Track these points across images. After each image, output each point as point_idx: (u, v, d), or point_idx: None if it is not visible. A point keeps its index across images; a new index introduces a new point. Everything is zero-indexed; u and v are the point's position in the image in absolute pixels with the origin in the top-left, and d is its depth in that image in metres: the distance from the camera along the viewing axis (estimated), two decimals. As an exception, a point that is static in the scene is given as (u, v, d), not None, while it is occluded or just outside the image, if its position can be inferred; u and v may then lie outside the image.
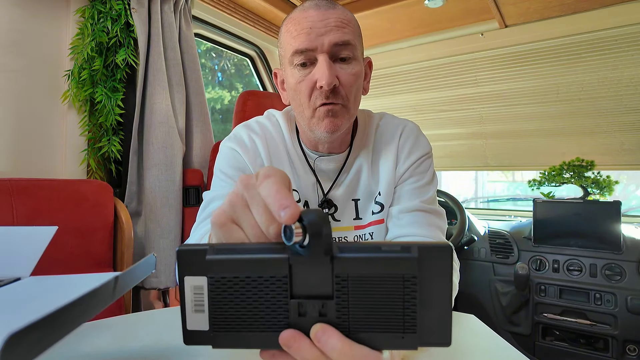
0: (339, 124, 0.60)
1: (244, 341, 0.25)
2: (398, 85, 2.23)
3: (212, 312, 0.25)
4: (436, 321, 0.24)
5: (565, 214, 1.63)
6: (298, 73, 0.60)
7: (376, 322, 0.25)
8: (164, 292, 1.39)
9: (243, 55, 2.06)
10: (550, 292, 1.58)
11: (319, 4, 0.59)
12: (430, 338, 0.25)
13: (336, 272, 0.24)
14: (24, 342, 0.20)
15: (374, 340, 0.25)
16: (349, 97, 0.60)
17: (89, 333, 0.46)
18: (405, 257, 0.24)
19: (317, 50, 0.58)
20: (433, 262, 0.24)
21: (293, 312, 0.25)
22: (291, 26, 0.60)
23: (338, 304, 0.25)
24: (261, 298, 0.25)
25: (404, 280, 0.24)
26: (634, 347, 1.43)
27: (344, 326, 0.25)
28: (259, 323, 0.25)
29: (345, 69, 0.59)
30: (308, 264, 0.24)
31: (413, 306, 0.24)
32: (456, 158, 2.39)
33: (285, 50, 0.61)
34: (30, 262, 0.43)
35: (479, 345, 0.46)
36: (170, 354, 0.41)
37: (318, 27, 0.57)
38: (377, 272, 0.24)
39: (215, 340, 0.25)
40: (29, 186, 1.01)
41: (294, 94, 0.62)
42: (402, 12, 1.72)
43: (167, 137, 1.31)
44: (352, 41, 0.59)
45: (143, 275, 0.36)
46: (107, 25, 1.22)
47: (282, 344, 0.25)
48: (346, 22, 0.59)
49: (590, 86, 1.79)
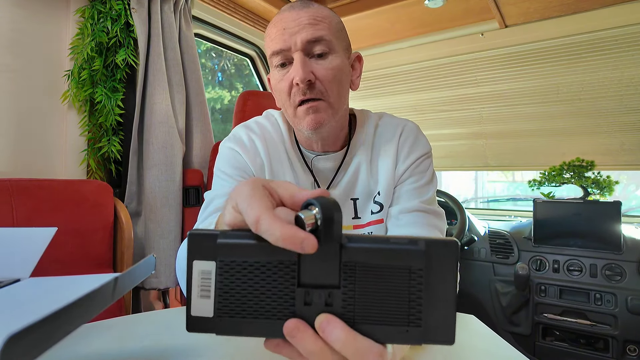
0: (320, 120, 0.60)
1: (248, 329, 0.25)
2: (398, 85, 2.23)
3: (219, 297, 0.25)
4: (440, 318, 0.24)
5: (566, 214, 1.63)
6: (278, 73, 0.61)
7: (381, 314, 0.25)
8: (164, 293, 1.39)
9: (243, 55, 2.06)
10: (550, 292, 1.58)
11: (293, 5, 0.61)
12: (434, 335, 0.24)
13: (344, 261, 0.25)
14: (24, 343, 0.20)
15: (378, 333, 0.25)
16: (328, 92, 0.60)
17: (88, 334, 0.46)
18: (413, 250, 0.24)
19: (291, 50, 0.59)
20: (440, 256, 0.24)
21: (299, 301, 0.25)
22: (269, 30, 0.62)
23: (344, 293, 0.25)
24: (268, 284, 0.25)
25: (411, 272, 0.24)
26: (634, 347, 1.43)
27: (349, 317, 0.25)
28: (264, 310, 0.25)
29: (321, 64, 0.60)
30: (317, 252, 0.24)
31: (419, 299, 0.24)
32: (456, 158, 2.39)
33: (267, 54, 0.63)
34: (30, 263, 0.43)
35: (479, 346, 0.46)
36: (170, 355, 0.41)
37: (291, 26, 0.59)
38: (385, 262, 0.24)
39: (219, 327, 0.25)
40: (28, 186, 1.01)
41: (277, 95, 0.64)
42: (402, 12, 1.72)
43: (167, 137, 1.31)
44: (326, 36, 0.59)
45: (143, 275, 0.36)
46: (107, 25, 1.22)
47: (285, 334, 0.25)
48: (320, 19, 0.60)
49: (591, 86, 1.79)
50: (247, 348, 0.43)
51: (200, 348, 0.43)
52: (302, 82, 0.57)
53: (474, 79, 2.01)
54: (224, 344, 0.44)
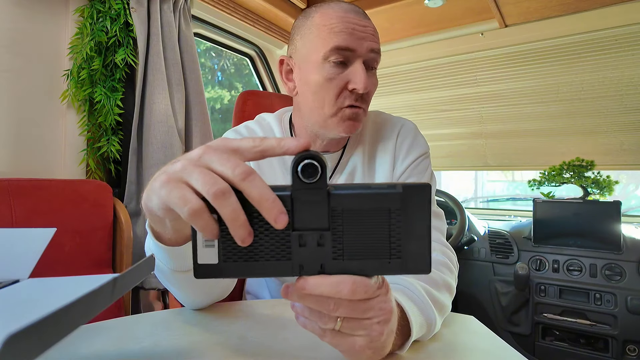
0: (358, 127, 0.62)
1: (251, 270, 0.29)
2: (398, 85, 2.23)
3: (222, 244, 0.28)
4: (417, 250, 0.28)
5: (565, 214, 1.63)
6: (331, 70, 0.59)
7: (367, 250, 0.29)
8: (164, 293, 1.39)
9: (243, 54, 2.06)
10: (550, 292, 1.58)
11: (357, 10, 0.61)
12: (412, 265, 0.29)
13: (332, 206, 0.28)
14: (23, 344, 0.20)
15: (365, 266, 0.29)
16: (368, 103, 0.63)
17: (87, 335, 0.46)
18: (392, 193, 0.28)
19: (356, 52, 0.59)
20: (415, 197, 0.28)
21: (294, 243, 0.28)
22: (333, 21, 0.59)
23: (334, 234, 0.28)
24: (266, 230, 0.28)
25: (390, 212, 0.28)
26: (634, 347, 1.43)
27: (339, 254, 0.29)
28: (264, 253, 0.28)
29: (371, 78, 0.62)
30: (308, 200, 0.28)
31: (398, 234, 0.28)
32: (456, 158, 2.39)
33: (315, 44, 0.60)
34: (29, 264, 0.43)
35: (478, 346, 0.46)
36: (170, 356, 0.41)
37: (359, 30, 0.59)
38: (368, 205, 0.28)
39: (224, 271, 0.29)
40: (27, 186, 1.01)
41: (318, 89, 0.60)
42: (402, 11, 1.72)
43: (167, 137, 1.30)
44: (379, 53, 0.62)
45: (142, 276, 0.36)
46: (106, 25, 1.22)
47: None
48: (377, 35, 0.62)
49: (590, 86, 1.79)
50: (248, 348, 0.43)
51: (200, 348, 0.43)
52: (364, 91, 0.59)
53: (473, 79, 2.01)
54: (224, 344, 0.44)
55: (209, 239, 0.28)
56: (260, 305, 0.59)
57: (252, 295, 0.81)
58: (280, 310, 0.56)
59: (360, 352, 0.33)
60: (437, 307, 0.47)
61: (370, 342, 0.33)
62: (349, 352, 0.33)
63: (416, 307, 0.44)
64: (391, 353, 0.40)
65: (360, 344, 0.32)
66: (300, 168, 0.27)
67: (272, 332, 0.48)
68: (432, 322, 0.45)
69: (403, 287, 0.47)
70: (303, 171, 0.27)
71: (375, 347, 0.33)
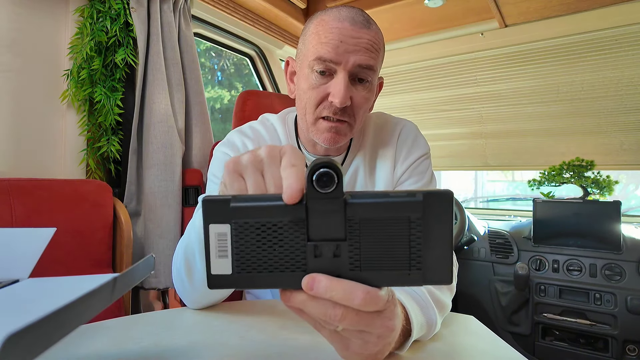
0: (338, 140, 0.61)
1: (264, 281, 0.28)
2: (398, 85, 2.23)
3: (235, 255, 0.27)
4: (438, 260, 0.27)
5: (565, 214, 1.63)
6: (314, 79, 0.59)
7: (385, 261, 0.27)
8: (164, 292, 1.39)
9: (243, 54, 2.06)
10: (550, 292, 1.58)
11: (356, 19, 0.58)
12: (433, 276, 0.27)
13: (349, 216, 0.27)
14: (22, 343, 0.20)
15: (383, 278, 0.28)
16: (355, 117, 0.61)
17: (87, 335, 0.46)
18: (412, 201, 0.26)
19: (340, 65, 0.57)
20: (436, 206, 0.26)
21: (310, 254, 0.27)
22: (322, 30, 0.58)
23: (351, 245, 0.27)
24: (281, 241, 0.27)
25: (410, 221, 0.26)
26: (634, 347, 1.43)
27: (356, 265, 0.27)
28: (279, 264, 0.27)
29: (359, 91, 0.59)
30: (323, 210, 0.26)
31: (419, 245, 0.27)
32: (456, 158, 2.39)
33: (308, 51, 0.60)
34: (29, 264, 0.43)
35: (478, 346, 0.46)
36: (169, 356, 0.41)
37: (349, 43, 0.56)
38: (386, 214, 0.26)
39: (238, 282, 0.28)
40: (27, 186, 1.01)
41: (302, 96, 0.61)
42: (401, 11, 1.72)
43: (167, 137, 1.30)
44: (374, 67, 0.59)
45: (142, 275, 0.36)
46: (106, 25, 1.21)
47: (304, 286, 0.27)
48: (376, 47, 0.59)
49: (590, 86, 1.79)
50: (248, 348, 0.43)
51: (200, 349, 0.43)
52: (340, 105, 0.57)
53: (473, 79, 2.01)
54: (224, 344, 0.44)
55: (222, 249, 0.27)
56: (260, 305, 0.59)
57: (252, 295, 0.81)
58: (280, 310, 0.56)
59: (353, 355, 0.33)
60: (439, 307, 0.47)
61: (365, 350, 0.32)
62: (342, 351, 0.33)
63: (418, 307, 0.44)
64: (391, 353, 0.40)
65: (354, 348, 0.32)
66: (315, 177, 0.26)
67: (272, 332, 0.48)
68: (432, 322, 0.45)
69: None
70: (318, 180, 0.26)
71: (367, 355, 0.33)
